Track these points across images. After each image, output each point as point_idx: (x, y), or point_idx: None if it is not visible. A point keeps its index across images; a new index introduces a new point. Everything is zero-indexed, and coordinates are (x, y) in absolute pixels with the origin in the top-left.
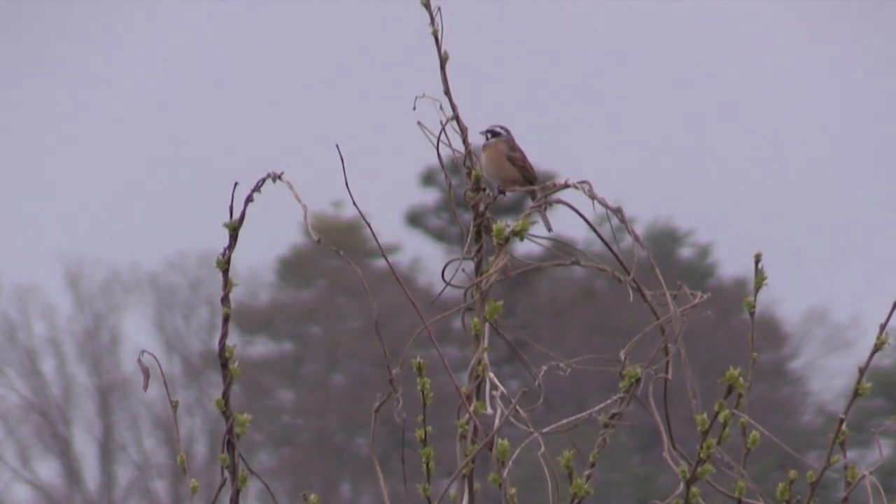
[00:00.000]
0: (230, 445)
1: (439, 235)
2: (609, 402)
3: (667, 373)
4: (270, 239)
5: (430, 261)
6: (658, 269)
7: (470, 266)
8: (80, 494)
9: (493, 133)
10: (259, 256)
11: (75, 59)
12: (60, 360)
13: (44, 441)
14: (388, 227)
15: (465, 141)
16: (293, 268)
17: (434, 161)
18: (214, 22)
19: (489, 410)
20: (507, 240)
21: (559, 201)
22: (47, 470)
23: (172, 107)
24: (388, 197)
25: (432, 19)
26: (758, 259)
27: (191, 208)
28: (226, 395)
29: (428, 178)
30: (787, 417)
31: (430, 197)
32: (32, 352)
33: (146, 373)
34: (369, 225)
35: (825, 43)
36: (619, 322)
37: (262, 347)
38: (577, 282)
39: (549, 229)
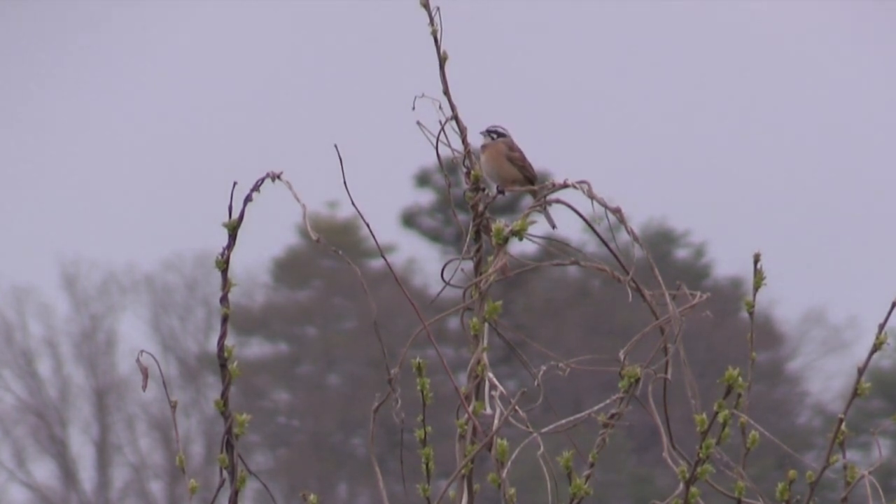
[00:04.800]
0: (229, 446)
1: (434, 236)
2: (608, 402)
3: (666, 373)
4: (265, 240)
5: (424, 262)
6: (657, 269)
7: (468, 266)
8: (76, 496)
9: (493, 132)
10: (254, 257)
11: (72, 61)
12: (57, 361)
13: (40, 442)
14: (383, 227)
15: (464, 141)
16: (288, 268)
17: (429, 162)
18: (211, 23)
19: (488, 410)
20: (506, 240)
21: (558, 201)
22: (43, 471)
23: (168, 108)
24: (383, 198)
25: (431, 19)
26: (757, 259)
27: (187, 209)
28: (225, 395)
29: (422, 179)
30: (783, 418)
31: (425, 198)
32: (29, 353)
33: (145, 372)
34: (368, 224)
35: (821, 42)
36: (614, 322)
37: (257, 348)
38: (572, 282)
39: (553, 226)
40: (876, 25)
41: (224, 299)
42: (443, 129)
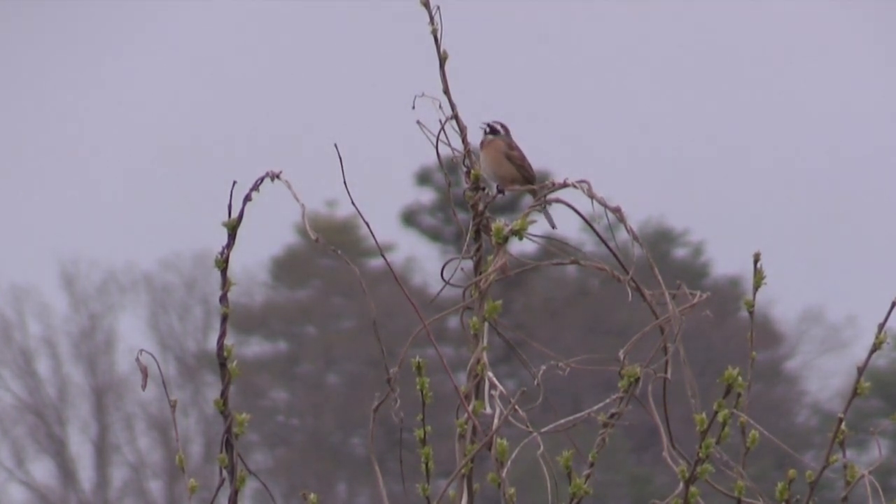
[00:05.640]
0: (228, 445)
1: (434, 235)
2: (608, 401)
3: (666, 372)
4: (265, 239)
5: (424, 261)
6: (657, 269)
7: (468, 265)
8: (74, 495)
9: (492, 128)
10: (253, 256)
11: (72, 60)
12: (55, 360)
13: (39, 441)
14: (383, 226)
15: (464, 140)
16: (287, 267)
17: (429, 160)
18: (210, 22)
19: (488, 410)
20: (506, 239)
21: (558, 200)
22: (42, 470)
23: (168, 107)
24: (383, 196)
25: (431, 18)
26: (756, 258)
27: (186, 208)
28: (224, 394)
29: (423, 178)
30: (782, 417)
31: (425, 196)
32: (27, 352)
33: (145, 372)
34: (367, 223)
35: (820, 40)
36: (613, 322)
37: (256, 347)
38: (571, 281)
39: (553, 226)
40: (877, 25)
41: (224, 298)
42: (443, 128)
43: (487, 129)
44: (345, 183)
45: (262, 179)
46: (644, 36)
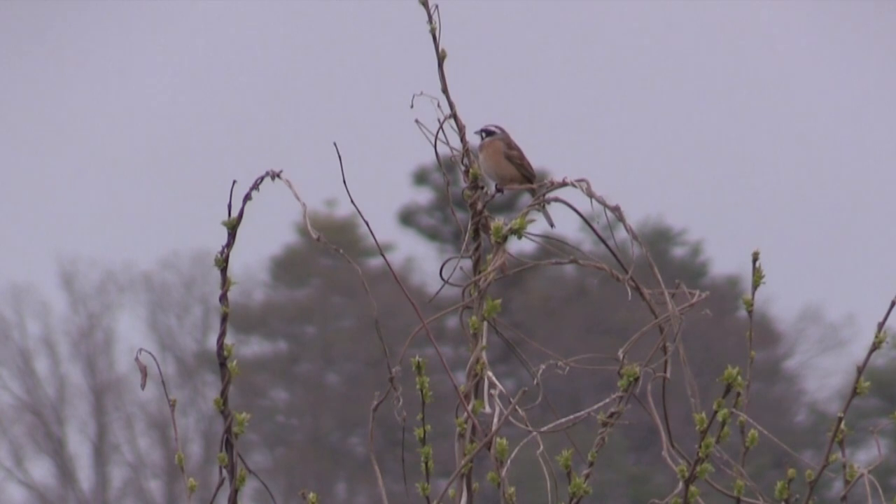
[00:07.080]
0: (228, 445)
1: (432, 234)
2: (608, 400)
3: (665, 372)
4: (265, 238)
5: (423, 260)
6: (656, 268)
7: (467, 264)
8: (73, 495)
9: (487, 132)
10: (253, 255)
11: (71, 59)
12: (54, 359)
13: (37, 441)
14: (381, 226)
15: (462, 139)
16: (287, 267)
17: (427, 160)
18: (209, 21)
19: (487, 409)
20: (505, 238)
21: (557, 199)
22: (41, 470)
23: (166, 107)
24: (381, 196)
25: (430, 17)
26: (755, 257)
27: (184, 208)
28: (224, 394)
29: (421, 177)
30: (781, 417)
31: (423, 196)
32: (26, 351)
33: (144, 371)
34: (367, 222)
35: (817, 39)
36: (612, 321)
37: (256, 347)
38: (570, 280)
39: (552, 225)
40: (876, 27)
41: (223, 298)
42: (441, 127)
43: (483, 135)
44: (344, 182)
45: (262, 179)
46: (644, 36)
